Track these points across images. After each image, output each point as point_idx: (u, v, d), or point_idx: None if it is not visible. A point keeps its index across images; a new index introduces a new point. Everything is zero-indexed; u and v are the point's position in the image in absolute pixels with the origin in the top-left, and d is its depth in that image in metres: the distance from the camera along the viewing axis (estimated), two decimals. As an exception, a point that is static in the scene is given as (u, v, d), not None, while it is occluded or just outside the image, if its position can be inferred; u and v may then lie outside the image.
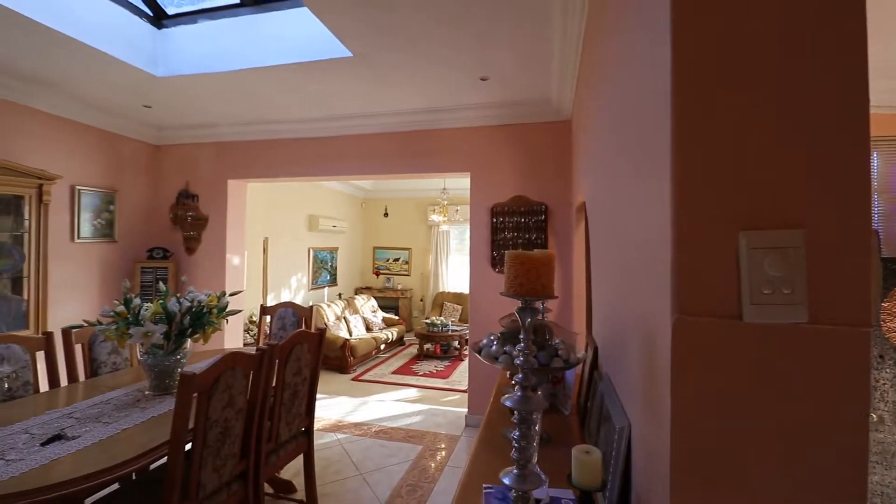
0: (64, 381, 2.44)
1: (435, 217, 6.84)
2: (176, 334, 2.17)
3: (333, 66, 3.03)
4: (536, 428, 1.02)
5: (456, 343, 7.07)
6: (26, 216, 3.25)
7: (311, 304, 7.06)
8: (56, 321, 3.49)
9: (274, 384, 2.21)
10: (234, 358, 1.84)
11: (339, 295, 8.07)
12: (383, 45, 2.73)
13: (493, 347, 1.70)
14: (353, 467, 3.10)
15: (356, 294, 8.47)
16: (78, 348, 2.53)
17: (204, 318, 2.22)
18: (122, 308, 2.04)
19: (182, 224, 4.50)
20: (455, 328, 7.08)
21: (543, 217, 3.78)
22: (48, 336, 2.40)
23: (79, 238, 3.86)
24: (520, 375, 0.96)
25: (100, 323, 2.06)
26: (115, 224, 4.18)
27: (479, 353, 1.77)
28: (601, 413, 1.39)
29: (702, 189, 0.70)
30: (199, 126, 4.39)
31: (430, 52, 2.81)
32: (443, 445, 3.47)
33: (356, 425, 3.84)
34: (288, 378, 2.29)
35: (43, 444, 1.61)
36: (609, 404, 1.27)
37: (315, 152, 4.27)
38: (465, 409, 4.09)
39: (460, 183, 7.56)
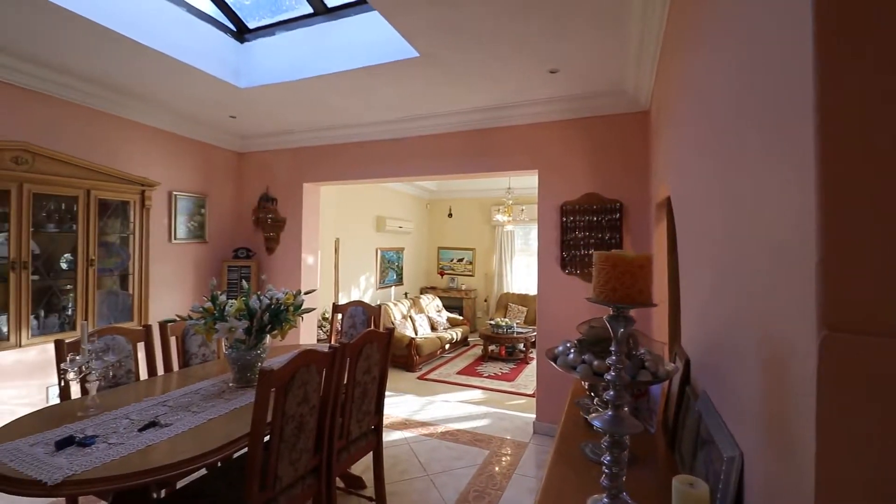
0: (161, 369, 2.65)
1: (499, 217, 6.73)
2: (256, 330, 2.27)
3: (400, 68, 3.05)
4: (625, 452, 0.90)
5: (521, 345, 6.90)
6: (131, 219, 3.60)
7: (378, 302, 7.24)
8: (156, 314, 3.84)
9: (345, 382, 2.24)
10: (308, 355, 1.88)
11: (405, 294, 8.20)
12: (450, 44, 2.69)
13: (571, 356, 1.57)
14: (420, 467, 3.09)
15: (421, 294, 8.57)
16: (172, 340, 2.75)
17: (281, 316, 2.31)
18: (209, 304, 2.17)
19: (263, 226, 4.78)
20: (520, 330, 6.91)
21: (618, 215, 3.54)
22: (147, 328, 2.62)
23: (175, 239, 4.23)
24: (611, 393, 0.85)
25: (190, 318, 2.20)
26: (206, 226, 4.53)
27: (555, 360, 1.65)
28: (698, 436, 1.22)
29: (859, 170, 0.55)
30: (276, 133, 4.64)
31: (497, 47, 2.72)
32: (510, 451, 3.37)
33: (423, 424, 3.84)
34: (358, 376, 2.32)
35: (140, 430, 1.74)
36: (710, 427, 1.11)
37: (383, 154, 4.34)
38: (533, 415, 3.94)
39: (526, 182, 7.38)
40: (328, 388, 2.08)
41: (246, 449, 1.72)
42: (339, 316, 3.62)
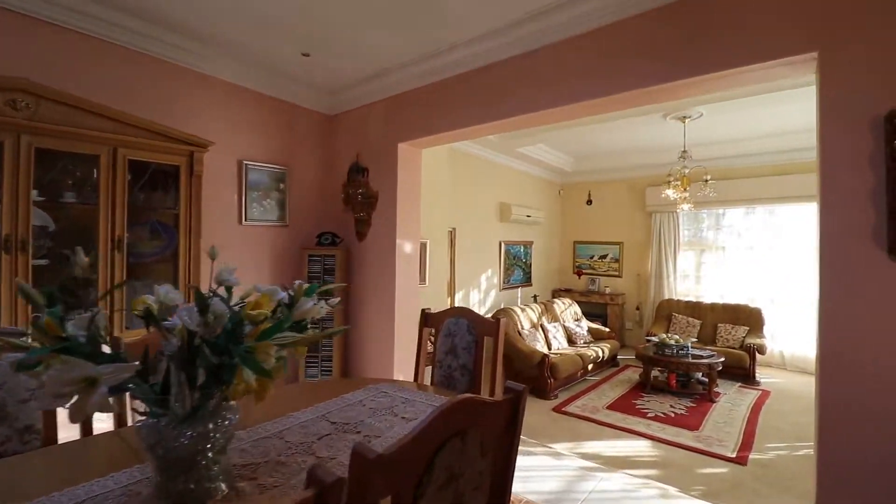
0: None
1: (669, 193, 4.58)
2: (199, 386, 0.84)
3: None
4: None
5: (699, 374, 4.64)
6: (179, 191, 2.59)
7: (501, 306, 5.64)
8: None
9: None
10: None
11: (534, 297, 6.45)
12: None
13: None
14: None
15: (554, 297, 6.71)
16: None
17: (237, 351, 0.83)
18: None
19: (353, 205, 3.54)
20: (697, 353, 4.64)
21: None
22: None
23: (246, 220, 3.20)
24: None
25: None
26: (286, 205, 3.44)
27: None
28: None
29: None
30: (368, 78, 3.28)
31: None
32: None
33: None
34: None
35: None
36: None
37: (508, 81, 2.64)
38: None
39: (714, 140, 5.06)
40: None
41: None
42: (432, 332, 2.09)
